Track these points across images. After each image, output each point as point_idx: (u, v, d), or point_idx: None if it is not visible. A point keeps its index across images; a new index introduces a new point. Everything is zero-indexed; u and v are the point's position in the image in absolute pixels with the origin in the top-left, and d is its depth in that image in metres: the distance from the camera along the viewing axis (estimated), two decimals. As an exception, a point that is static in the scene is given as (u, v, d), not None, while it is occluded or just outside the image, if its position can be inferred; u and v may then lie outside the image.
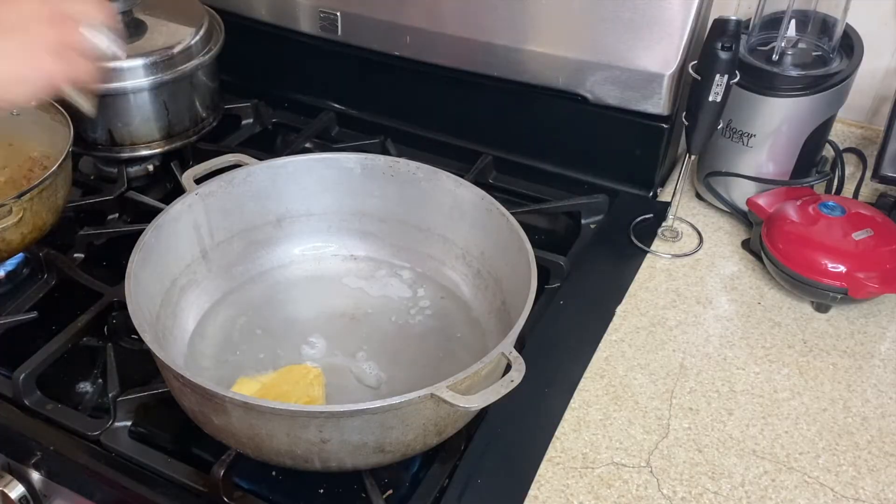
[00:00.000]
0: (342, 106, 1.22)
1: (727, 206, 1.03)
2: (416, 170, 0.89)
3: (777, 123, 0.95)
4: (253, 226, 0.91)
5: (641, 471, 0.74)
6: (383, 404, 0.62)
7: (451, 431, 0.72)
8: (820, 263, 0.88)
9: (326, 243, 0.95)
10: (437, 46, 1.09)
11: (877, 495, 0.73)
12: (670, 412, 0.79)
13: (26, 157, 0.98)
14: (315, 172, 0.91)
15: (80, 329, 0.85)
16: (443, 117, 1.15)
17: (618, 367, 0.84)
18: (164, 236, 0.81)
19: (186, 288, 0.86)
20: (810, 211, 0.92)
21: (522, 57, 1.04)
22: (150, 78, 1.01)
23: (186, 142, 1.09)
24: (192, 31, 1.06)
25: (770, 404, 0.81)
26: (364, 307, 0.89)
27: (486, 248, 0.86)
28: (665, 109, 1.00)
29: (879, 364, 0.85)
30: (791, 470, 0.75)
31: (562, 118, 1.07)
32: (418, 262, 0.93)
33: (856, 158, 1.06)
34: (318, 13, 1.14)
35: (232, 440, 0.69)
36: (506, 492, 0.72)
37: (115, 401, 0.77)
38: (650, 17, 0.96)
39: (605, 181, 1.08)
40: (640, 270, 0.96)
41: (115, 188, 1.04)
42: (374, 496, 0.70)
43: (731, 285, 0.94)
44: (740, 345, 0.87)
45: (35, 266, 0.94)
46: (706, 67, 0.87)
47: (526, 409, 0.78)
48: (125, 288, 0.72)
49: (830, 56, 0.95)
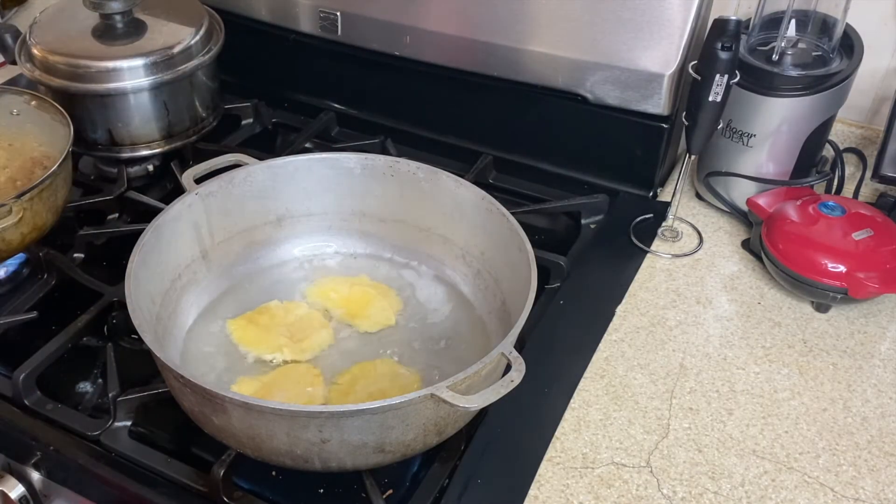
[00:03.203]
0: (342, 106, 1.22)
1: (727, 206, 1.03)
2: (416, 170, 0.89)
3: (777, 123, 0.95)
4: (253, 226, 0.91)
5: (641, 471, 0.74)
6: (383, 404, 0.62)
7: (451, 431, 0.72)
8: (820, 263, 0.88)
9: (326, 243, 0.95)
10: (437, 46, 1.09)
11: (877, 495, 0.73)
12: (670, 412, 0.79)
13: (26, 157, 0.98)
14: (315, 172, 0.91)
15: (80, 329, 0.85)
16: (443, 117, 1.15)
17: (618, 367, 0.84)
18: (164, 236, 0.81)
19: (186, 288, 0.86)
20: (810, 211, 0.92)
21: (522, 57, 1.04)
22: (150, 78, 1.01)
23: (186, 142, 1.09)
24: (192, 31, 1.06)
25: (770, 404, 0.81)
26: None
27: (486, 248, 0.86)
28: (665, 109, 1.00)
29: (879, 364, 0.85)
30: (791, 470, 0.75)
31: (562, 118, 1.07)
32: (418, 262, 0.93)
33: (856, 158, 1.06)
34: (318, 13, 1.14)
35: (232, 440, 0.69)
36: (506, 492, 0.72)
37: (115, 401, 0.77)
38: (650, 17, 0.96)
39: (605, 181, 1.08)
40: (640, 270, 0.96)
41: (115, 188, 1.04)
42: (374, 496, 0.70)
43: (731, 285, 0.94)
44: (740, 345, 0.87)
45: (35, 266, 0.94)
46: (706, 67, 0.87)
47: (526, 409, 0.78)
48: (125, 288, 0.72)
49: (830, 56, 0.95)
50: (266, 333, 0.83)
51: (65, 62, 1.00)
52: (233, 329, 0.85)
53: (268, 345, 0.82)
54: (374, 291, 0.89)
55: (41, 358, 0.81)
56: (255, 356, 0.82)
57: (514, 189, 1.08)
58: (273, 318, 0.85)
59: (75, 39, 1.03)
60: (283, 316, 0.86)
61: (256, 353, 0.82)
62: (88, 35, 1.04)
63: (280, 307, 0.87)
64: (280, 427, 0.65)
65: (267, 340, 0.83)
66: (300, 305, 0.88)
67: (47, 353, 0.82)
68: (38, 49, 1.02)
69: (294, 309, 0.87)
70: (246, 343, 0.83)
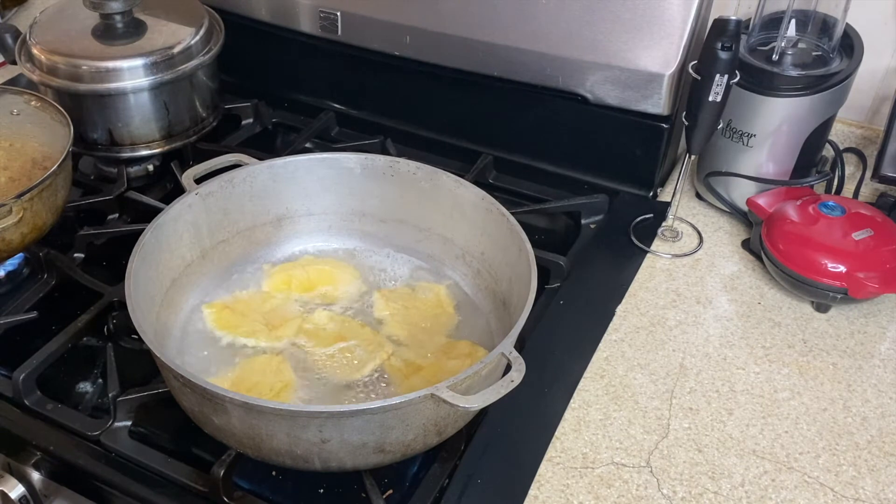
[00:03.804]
0: (342, 106, 1.22)
1: (727, 206, 1.03)
2: (416, 170, 0.89)
3: (777, 123, 0.95)
4: (253, 226, 0.91)
5: (641, 471, 0.74)
6: (383, 404, 0.62)
7: (451, 431, 0.72)
8: (820, 263, 0.88)
9: (327, 243, 0.95)
10: (437, 46, 1.09)
11: (877, 495, 0.73)
12: (670, 412, 0.79)
13: (27, 157, 0.98)
14: (315, 172, 0.91)
15: (80, 329, 0.85)
16: (443, 117, 1.15)
17: (618, 367, 0.84)
18: (164, 236, 0.81)
19: (186, 288, 0.86)
20: (810, 211, 0.92)
21: (522, 57, 1.04)
22: (150, 78, 1.01)
23: (186, 142, 1.09)
24: (192, 31, 1.06)
25: (770, 404, 0.81)
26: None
27: (486, 248, 0.86)
28: (665, 109, 1.00)
29: (879, 364, 0.85)
30: (791, 470, 0.75)
31: (562, 118, 1.07)
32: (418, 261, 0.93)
33: (856, 158, 1.06)
34: (318, 13, 1.14)
35: (232, 440, 0.69)
36: (506, 492, 0.72)
37: (115, 401, 0.77)
38: (650, 17, 0.96)
39: (605, 181, 1.08)
40: (640, 270, 0.96)
41: (115, 188, 1.04)
42: (374, 496, 0.70)
43: (731, 285, 0.94)
44: (740, 345, 0.87)
45: (35, 266, 0.94)
46: (706, 67, 0.87)
47: (526, 409, 0.78)
48: (125, 288, 0.72)
49: (830, 56, 0.95)
50: (242, 318, 0.84)
51: (65, 62, 1.00)
52: (208, 313, 0.85)
53: (244, 330, 0.83)
54: (329, 267, 0.91)
55: (41, 358, 0.81)
56: (229, 340, 0.83)
57: (514, 189, 1.08)
58: (249, 305, 0.86)
59: (75, 39, 1.03)
60: (260, 304, 0.87)
61: (232, 338, 0.83)
62: (88, 35, 1.04)
63: (257, 295, 0.88)
64: (280, 427, 0.65)
65: (243, 325, 0.84)
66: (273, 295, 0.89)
67: (47, 353, 0.82)
68: (38, 49, 1.02)
69: (269, 298, 0.88)
70: (222, 327, 0.84)
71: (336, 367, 0.80)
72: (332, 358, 0.81)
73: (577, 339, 0.87)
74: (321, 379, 0.79)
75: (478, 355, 0.80)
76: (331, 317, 0.85)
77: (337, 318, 0.85)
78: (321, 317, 0.85)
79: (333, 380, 0.79)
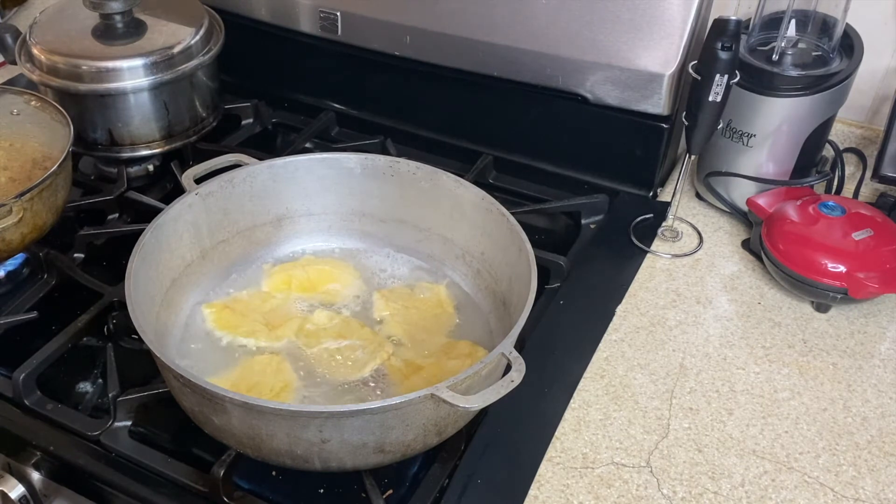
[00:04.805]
0: (342, 106, 1.22)
1: (727, 206, 1.03)
2: (416, 170, 0.89)
3: (777, 123, 0.95)
4: (253, 226, 0.91)
5: (641, 471, 0.74)
6: (383, 404, 0.62)
7: (451, 431, 0.72)
8: (820, 263, 0.88)
9: (327, 243, 0.95)
10: (437, 46, 1.09)
11: (877, 495, 0.73)
12: (670, 412, 0.79)
13: (27, 157, 0.98)
14: (315, 172, 0.91)
15: (80, 329, 0.85)
16: (443, 117, 1.15)
17: (618, 367, 0.84)
18: (164, 236, 0.81)
19: (186, 288, 0.86)
20: (810, 211, 0.92)
21: (522, 57, 1.04)
22: (150, 78, 1.01)
23: (186, 142, 1.09)
24: (192, 31, 1.06)
25: (770, 404, 0.81)
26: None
27: (486, 248, 0.86)
28: (665, 109, 1.00)
29: (879, 364, 0.85)
30: (791, 470, 0.75)
31: (562, 118, 1.07)
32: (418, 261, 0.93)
33: (856, 158, 1.06)
34: (318, 13, 1.14)
35: (232, 440, 0.69)
36: (506, 492, 0.72)
37: (115, 401, 0.77)
38: (650, 17, 0.96)
39: (605, 181, 1.08)
40: (640, 270, 0.96)
41: (115, 188, 1.04)
42: (374, 496, 0.70)
43: (731, 285, 0.94)
44: (740, 345, 0.87)
45: (35, 266, 0.94)
46: (706, 67, 0.87)
47: (526, 409, 0.78)
48: (125, 288, 0.72)
49: (830, 56, 0.95)
50: (242, 318, 0.84)
51: (65, 62, 1.00)
52: (208, 313, 0.85)
53: (244, 330, 0.83)
54: (329, 267, 0.91)
55: (41, 358, 0.81)
56: (229, 340, 0.83)
57: (514, 189, 1.08)
58: (249, 305, 0.86)
59: (75, 39, 1.03)
60: (260, 304, 0.87)
61: (232, 338, 0.83)
62: (88, 35, 1.04)
63: (257, 295, 0.88)
64: (280, 427, 0.65)
65: (243, 325, 0.83)
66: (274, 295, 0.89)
67: (47, 353, 0.82)
68: (38, 49, 1.02)
69: (269, 298, 0.88)
70: (222, 327, 0.84)
71: (336, 367, 0.80)
72: (332, 358, 0.81)
73: (577, 339, 0.87)
74: (321, 379, 0.79)
75: (478, 355, 0.80)
76: (331, 317, 0.85)
77: (337, 317, 0.85)
78: (321, 317, 0.85)
79: (333, 380, 0.79)
